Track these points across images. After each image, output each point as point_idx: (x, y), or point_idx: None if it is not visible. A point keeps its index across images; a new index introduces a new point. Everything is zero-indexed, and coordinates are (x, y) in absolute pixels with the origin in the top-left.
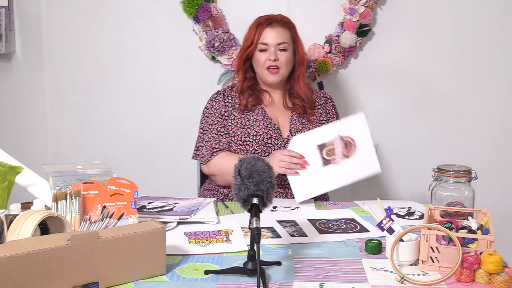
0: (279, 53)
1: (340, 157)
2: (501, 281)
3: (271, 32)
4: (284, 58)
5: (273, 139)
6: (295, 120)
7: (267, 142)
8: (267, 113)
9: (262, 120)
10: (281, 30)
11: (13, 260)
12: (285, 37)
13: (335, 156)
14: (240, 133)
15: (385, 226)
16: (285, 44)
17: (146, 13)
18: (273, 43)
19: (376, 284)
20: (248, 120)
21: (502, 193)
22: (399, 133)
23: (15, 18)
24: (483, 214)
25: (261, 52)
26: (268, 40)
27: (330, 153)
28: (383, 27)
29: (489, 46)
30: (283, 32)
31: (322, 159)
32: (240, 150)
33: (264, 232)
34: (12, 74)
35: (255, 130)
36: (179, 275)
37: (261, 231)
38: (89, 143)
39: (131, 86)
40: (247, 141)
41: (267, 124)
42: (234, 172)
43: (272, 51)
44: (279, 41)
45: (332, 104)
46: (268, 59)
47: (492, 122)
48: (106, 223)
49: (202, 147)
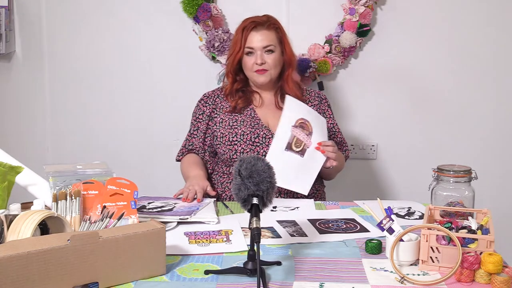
0: (266, 56)
1: (307, 140)
2: (501, 281)
3: (256, 35)
4: (271, 60)
5: (261, 137)
6: None
7: (255, 141)
8: (256, 113)
9: (250, 121)
10: (266, 32)
11: (13, 260)
12: (271, 39)
13: (303, 142)
14: (228, 134)
15: (385, 226)
16: (271, 46)
17: (146, 13)
18: (258, 47)
19: (376, 284)
20: (235, 121)
21: (502, 193)
22: (399, 133)
23: (15, 18)
24: (483, 214)
25: (248, 55)
26: (253, 44)
27: (298, 144)
28: (383, 27)
29: (488, 46)
30: (268, 34)
31: (297, 153)
32: (229, 150)
33: (264, 232)
34: (12, 74)
35: (242, 129)
36: (179, 275)
37: (261, 231)
38: (89, 143)
39: (131, 86)
40: (235, 140)
41: (254, 124)
42: (234, 172)
43: (258, 55)
44: (264, 44)
45: (327, 104)
46: (255, 63)
47: (492, 122)
48: (106, 223)
49: (181, 148)
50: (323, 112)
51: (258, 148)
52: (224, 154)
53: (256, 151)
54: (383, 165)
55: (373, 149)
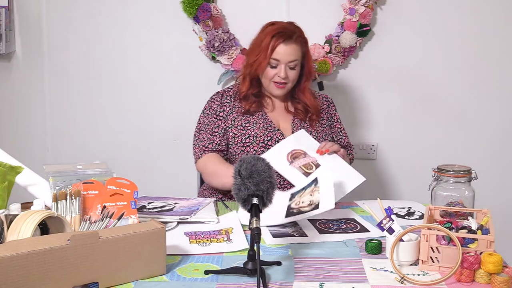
0: (288, 71)
1: (309, 158)
2: (501, 281)
3: (284, 48)
4: (292, 75)
5: (273, 140)
6: (297, 124)
7: (267, 143)
8: (268, 116)
9: (262, 123)
10: (294, 46)
11: (13, 260)
12: (297, 54)
13: (309, 162)
14: (240, 135)
15: (385, 226)
16: (296, 62)
17: (146, 13)
18: (284, 60)
19: (376, 284)
20: (248, 122)
21: (502, 193)
22: (399, 133)
23: (15, 18)
24: (483, 214)
25: (271, 65)
26: (280, 56)
27: (309, 167)
28: (383, 27)
29: (489, 46)
30: (296, 49)
31: (303, 172)
32: (241, 151)
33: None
34: (12, 74)
35: (255, 131)
36: (179, 275)
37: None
38: (89, 143)
39: (131, 86)
40: (248, 142)
41: (267, 126)
42: (234, 172)
43: (282, 68)
44: (291, 59)
45: (335, 108)
46: (278, 75)
47: (492, 122)
48: (106, 223)
49: (196, 146)
50: (331, 116)
51: None
52: (236, 155)
53: None
54: (383, 165)
55: (373, 149)
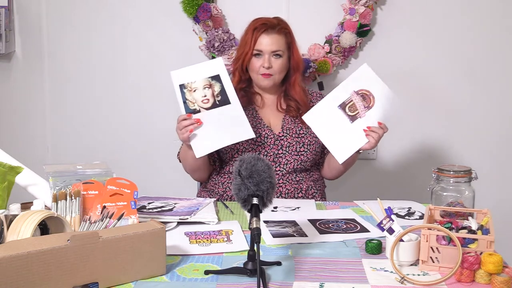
0: (273, 60)
1: (363, 110)
2: (501, 281)
3: (266, 38)
4: (277, 65)
5: (263, 137)
6: (288, 120)
7: (257, 141)
8: (258, 113)
9: (251, 120)
10: (276, 36)
11: (13, 260)
12: (280, 44)
13: (358, 110)
14: None
15: (385, 226)
16: (279, 51)
17: (146, 13)
18: (267, 50)
19: (376, 284)
20: None
21: (502, 193)
22: (399, 133)
23: (15, 18)
24: (483, 214)
25: (255, 57)
26: (262, 47)
27: (352, 109)
28: (383, 27)
29: (489, 46)
30: (278, 38)
31: (348, 116)
32: (230, 149)
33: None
34: (12, 74)
35: None
36: (179, 275)
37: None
38: (89, 143)
39: (131, 86)
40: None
41: (256, 123)
42: (234, 172)
43: (266, 58)
44: (273, 49)
45: None
46: (262, 66)
47: (492, 122)
48: (106, 223)
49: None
50: None
51: (260, 148)
52: (226, 153)
53: (258, 150)
54: (383, 165)
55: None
